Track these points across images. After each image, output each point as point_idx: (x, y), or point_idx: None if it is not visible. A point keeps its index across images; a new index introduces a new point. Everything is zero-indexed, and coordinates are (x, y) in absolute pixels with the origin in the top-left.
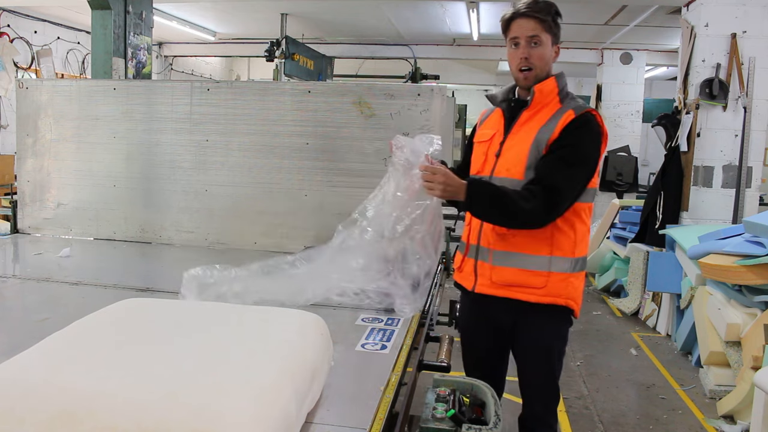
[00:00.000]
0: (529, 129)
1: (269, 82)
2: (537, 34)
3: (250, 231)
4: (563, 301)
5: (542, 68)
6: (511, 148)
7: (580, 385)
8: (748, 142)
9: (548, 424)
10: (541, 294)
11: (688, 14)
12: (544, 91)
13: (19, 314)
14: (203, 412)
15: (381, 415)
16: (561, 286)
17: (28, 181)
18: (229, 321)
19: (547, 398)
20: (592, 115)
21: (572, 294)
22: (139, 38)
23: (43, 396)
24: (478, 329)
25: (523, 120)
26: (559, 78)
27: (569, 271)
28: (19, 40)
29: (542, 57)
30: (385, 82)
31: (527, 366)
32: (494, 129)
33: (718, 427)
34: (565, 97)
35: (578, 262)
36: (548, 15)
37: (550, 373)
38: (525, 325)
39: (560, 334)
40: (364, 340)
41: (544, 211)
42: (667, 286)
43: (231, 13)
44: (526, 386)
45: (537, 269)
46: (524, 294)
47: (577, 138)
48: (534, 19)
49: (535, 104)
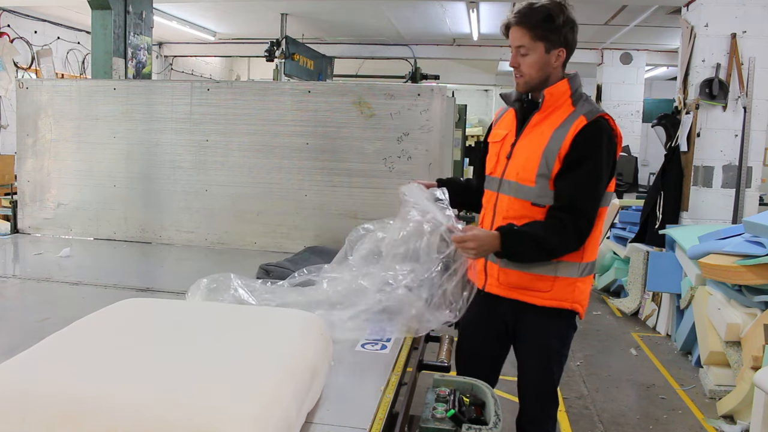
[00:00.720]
0: (540, 132)
1: (269, 82)
2: (523, 43)
3: (250, 231)
4: (569, 305)
5: (532, 75)
6: (522, 151)
7: (580, 385)
8: (748, 142)
9: (545, 428)
10: (547, 297)
11: (688, 14)
12: (555, 94)
13: (19, 314)
14: (203, 412)
15: (381, 415)
16: (568, 290)
17: (28, 181)
18: (229, 321)
19: (544, 401)
20: (604, 121)
21: (578, 298)
22: (139, 38)
23: (43, 396)
24: (479, 327)
25: (534, 122)
26: (572, 80)
27: (576, 275)
28: (19, 40)
29: (532, 65)
30: (385, 82)
31: (527, 366)
32: (507, 129)
33: (718, 427)
34: (579, 99)
35: (587, 266)
36: (537, 21)
37: (549, 375)
38: (529, 324)
39: (562, 338)
40: (364, 340)
41: (577, 240)
42: (667, 286)
43: (231, 13)
44: (524, 388)
45: (543, 273)
46: (530, 297)
47: (591, 149)
48: (520, 28)
49: (546, 107)
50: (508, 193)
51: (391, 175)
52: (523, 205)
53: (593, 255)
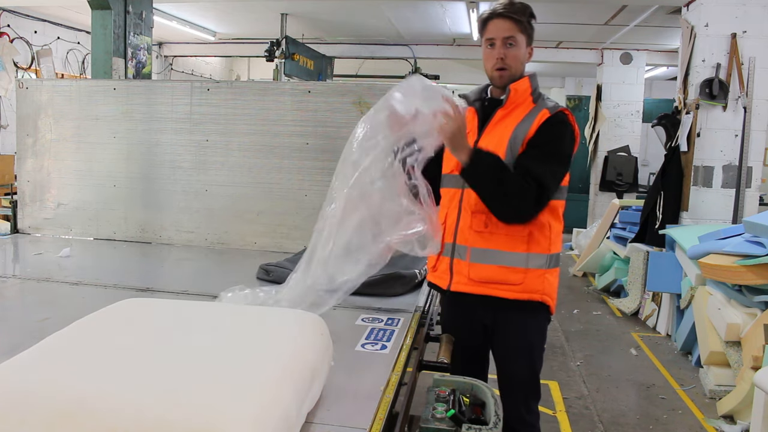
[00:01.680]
0: (503, 127)
1: (269, 82)
2: (513, 34)
3: (250, 231)
4: (539, 297)
5: (517, 68)
6: (486, 146)
7: (580, 385)
8: (748, 142)
9: (530, 423)
10: (519, 290)
11: (688, 14)
12: (519, 90)
13: (19, 314)
14: (203, 412)
15: (381, 415)
16: (537, 282)
17: (28, 181)
18: (229, 321)
19: (527, 397)
20: (565, 115)
21: (547, 290)
22: (139, 38)
23: (43, 396)
24: (458, 329)
25: (498, 119)
26: (532, 78)
27: (545, 267)
28: (19, 40)
29: (517, 57)
30: (385, 82)
31: (507, 364)
32: (467, 128)
33: (718, 427)
34: (538, 97)
35: (553, 258)
36: (524, 16)
37: (531, 369)
38: (504, 322)
39: (539, 331)
40: (364, 340)
41: (534, 204)
42: (667, 286)
43: (231, 13)
44: (506, 385)
45: (515, 266)
46: (501, 291)
47: (555, 136)
48: (510, 19)
49: (510, 103)
50: None
51: None
52: None
53: (558, 247)
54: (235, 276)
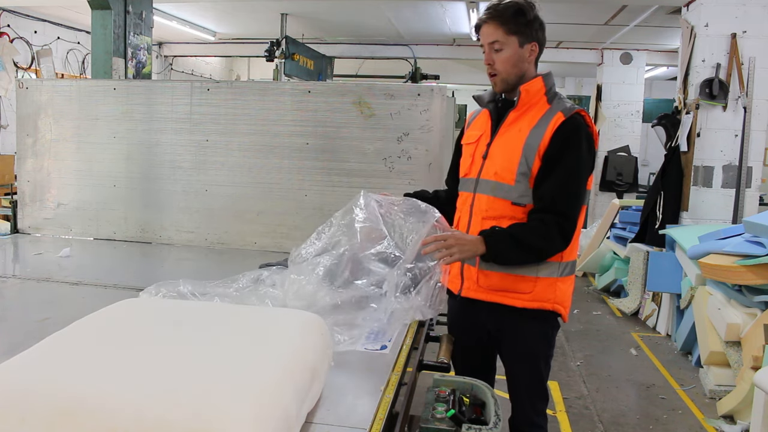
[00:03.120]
0: (517, 130)
1: (269, 82)
2: (496, 39)
3: (250, 231)
4: (550, 306)
5: (508, 71)
6: (499, 150)
7: (580, 385)
8: (748, 142)
9: (538, 424)
10: (528, 299)
11: (688, 14)
12: (531, 91)
13: (19, 314)
14: (203, 412)
15: (381, 415)
16: (549, 290)
17: (28, 181)
18: (229, 321)
19: (535, 401)
20: (581, 117)
21: (560, 298)
22: (139, 38)
23: (43, 396)
24: (465, 333)
25: (510, 120)
26: (546, 78)
27: (556, 275)
28: (19, 40)
29: (506, 61)
30: (385, 82)
31: (515, 370)
32: (481, 130)
33: (718, 427)
34: (553, 97)
35: (567, 266)
36: (509, 16)
37: (537, 376)
38: (511, 330)
39: (547, 339)
40: (364, 340)
41: (562, 240)
42: (667, 286)
43: (231, 13)
44: (514, 390)
45: (525, 274)
46: (511, 299)
47: (572, 149)
48: (493, 23)
49: (522, 104)
50: (486, 193)
51: (391, 175)
52: (504, 204)
53: (573, 254)
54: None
